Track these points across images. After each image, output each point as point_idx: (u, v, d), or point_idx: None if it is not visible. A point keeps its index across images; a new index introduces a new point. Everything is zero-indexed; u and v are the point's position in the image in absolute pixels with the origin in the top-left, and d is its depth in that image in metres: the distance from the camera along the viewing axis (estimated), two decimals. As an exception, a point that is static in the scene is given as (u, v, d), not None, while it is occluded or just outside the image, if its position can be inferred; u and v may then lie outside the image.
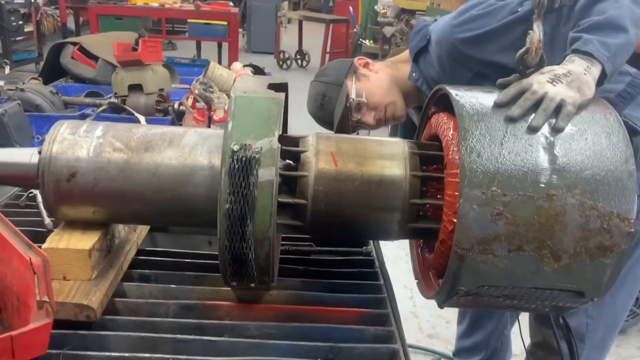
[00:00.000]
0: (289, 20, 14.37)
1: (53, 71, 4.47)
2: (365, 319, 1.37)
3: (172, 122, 3.82)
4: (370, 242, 1.75)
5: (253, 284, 1.26)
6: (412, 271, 1.52)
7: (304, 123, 2.03)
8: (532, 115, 1.21)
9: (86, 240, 1.32)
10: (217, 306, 1.36)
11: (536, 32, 1.32)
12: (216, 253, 1.56)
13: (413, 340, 3.19)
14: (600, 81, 1.36)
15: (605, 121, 1.23)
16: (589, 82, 1.30)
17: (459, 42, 1.74)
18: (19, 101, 2.72)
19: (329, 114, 1.96)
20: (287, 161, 1.37)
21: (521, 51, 1.32)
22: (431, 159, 1.36)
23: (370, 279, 1.55)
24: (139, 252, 1.55)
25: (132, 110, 3.69)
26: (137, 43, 4.24)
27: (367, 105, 1.91)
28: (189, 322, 1.30)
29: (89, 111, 3.77)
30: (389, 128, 6.64)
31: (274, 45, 11.26)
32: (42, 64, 4.72)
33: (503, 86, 1.31)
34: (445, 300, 1.27)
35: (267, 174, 1.15)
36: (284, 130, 1.50)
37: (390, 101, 1.94)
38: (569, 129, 1.20)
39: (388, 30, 8.51)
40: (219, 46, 8.25)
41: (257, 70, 4.90)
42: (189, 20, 8.07)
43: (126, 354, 1.18)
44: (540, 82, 1.27)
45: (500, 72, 1.40)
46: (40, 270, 1.05)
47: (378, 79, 1.95)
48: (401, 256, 3.49)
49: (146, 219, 1.43)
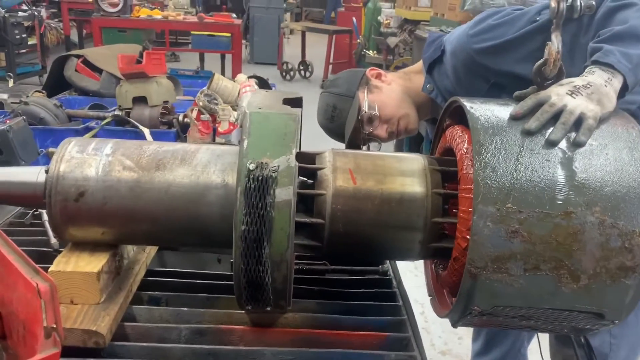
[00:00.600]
0: (291, 31, 14.39)
1: (57, 84, 4.46)
2: (385, 344, 1.31)
3: (177, 135, 3.78)
4: (387, 261, 1.70)
5: (269, 308, 1.21)
6: (426, 287, 1.47)
7: (309, 134, 1.98)
8: (550, 129, 1.17)
9: (94, 263, 1.27)
10: (231, 330, 1.30)
11: (555, 43, 1.28)
12: (227, 273, 1.51)
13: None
14: (622, 93, 1.31)
15: (627, 135, 1.18)
16: (610, 94, 1.25)
17: (475, 53, 1.70)
18: (24, 117, 2.67)
19: (340, 126, 1.91)
20: (302, 179, 1.32)
21: (539, 62, 1.28)
22: (453, 176, 1.31)
23: (388, 300, 1.50)
24: (148, 273, 1.50)
25: (137, 123, 3.66)
26: (141, 55, 4.23)
27: (380, 117, 1.86)
28: (201, 348, 1.24)
29: (93, 124, 3.74)
30: (394, 140, 6.63)
31: (276, 57, 11.25)
32: (46, 76, 4.69)
33: (520, 98, 1.26)
34: (459, 320, 1.22)
35: (285, 193, 1.10)
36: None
37: (403, 113, 1.89)
38: (588, 143, 1.15)
39: (392, 41, 8.47)
40: (222, 57, 8.23)
41: (262, 81, 4.88)
42: (193, 32, 8.06)
43: (137, 383, 1.13)
44: (559, 94, 1.22)
45: (518, 84, 1.35)
46: (47, 296, 0.99)
47: (391, 91, 1.90)
48: (410, 269, 3.43)
49: (157, 240, 1.38)
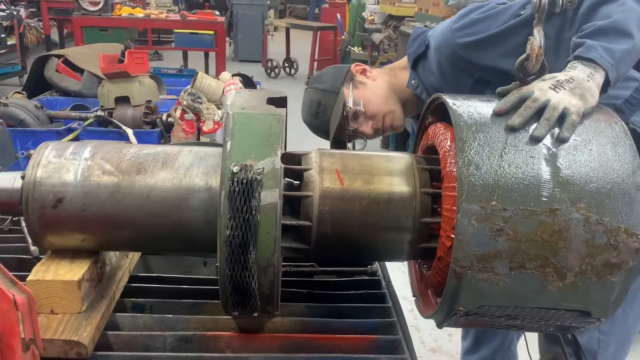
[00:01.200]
0: (275, 28, 14.32)
1: (37, 85, 4.39)
2: (375, 347, 1.29)
3: (161, 135, 3.73)
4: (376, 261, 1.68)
5: (256, 314, 1.18)
6: (410, 288, 1.45)
7: (295, 132, 1.95)
8: (534, 125, 1.15)
9: (75, 270, 1.22)
10: (218, 337, 1.27)
11: (537, 38, 1.26)
12: (214, 277, 1.48)
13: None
14: (604, 88, 1.30)
15: (610, 131, 1.17)
16: (593, 89, 1.24)
17: (459, 47, 1.67)
18: (1, 120, 2.61)
19: (325, 122, 1.88)
20: (289, 180, 1.29)
21: (521, 58, 1.27)
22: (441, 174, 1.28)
23: (377, 301, 1.47)
24: (132, 279, 1.46)
25: (119, 123, 3.60)
26: (123, 54, 4.16)
27: (365, 114, 1.84)
28: (187, 356, 1.21)
29: (75, 125, 3.68)
30: (380, 137, 6.61)
31: (261, 54, 11.19)
32: (26, 77, 4.61)
33: (502, 94, 1.24)
34: (444, 320, 1.21)
35: (270, 196, 1.07)
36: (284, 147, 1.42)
37: (388, 110, 1.87)
38: (572, 139, 1.14)
39: (376, 37, 8.46)
40: (206, 56, 8.15)
41: (246, 79, 4.83)
42: (175, 30, 7.98)
43: (121, 395, 1.09)
44: (542, 89, 1.21)
45: (502, 79, 1.33)
46: (24, 309, 0.96)
47: (376, 87, 1.88)
48: (398, 266, 3.41)
49: (140, 246, 1.34)
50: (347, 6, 10.76)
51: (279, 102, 1.24)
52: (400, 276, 2.86)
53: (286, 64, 10.90)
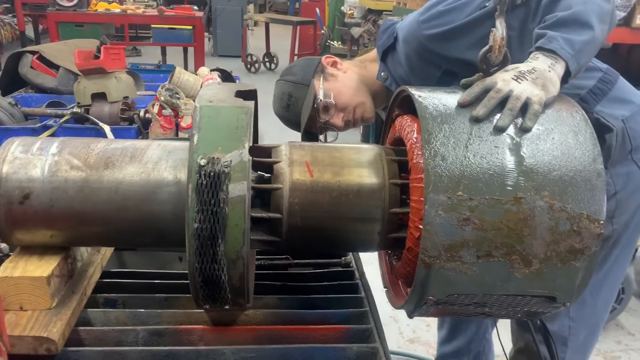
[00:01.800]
0: (255, 23, 14.25)
1: (12, 82, 4.32)
2: (347, 336, 1.30)
3: (138, 131, 3.70)
4: (349, 253, 1.69)
5: (227, 307, 1.18)
6: (381, 280, 1.46)
7: (274, 127, 1.95)
8: (498, 115, 1.17)
9: (44, 267, 1.22)
10: (190, 330, 1.27)
11: (499, 29, 1.28)
12: (187, 272, 1.47)
13: (394, 345, 3.13)
14: (565, 78, 1.32)
15: (571, 119, 1.20)
16: (554, 79, 1.26)
17: (425, 39, 1.68)
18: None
19: (296, 115, 1.88)
20: (260, 173, 1.30)
21: (484, 49, 1.28)
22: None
23: (351, 292, 1.49)
24: (104, 275, 1.46)
25: (96, 120, 3.57)
26: (99, 50, 4.11)
27: (336, 106, 1.84)
28: (159, 350, 1.21)
29: (51, 122, 3.63)
30: (360, 130, 6.62)
31: (241, 49, 11.13)
32: (0, 74, 4.53)
33: (467, 86, 1.26)
34: (414, 310, 1.22)
35: (238, 189, 1.07)
36: (255, 140, 1.42)
37: (359, 102, 1.88)
38: (535, 128, 1.16)
39: (355, 31, 8.45)
40: (185, 51, 8.09)
41: (225, 74, 4.81)
42: (153, 25, 7.89)
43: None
44: (504, 80, 1.22)
45: (469, 70, 1.34)
46: (-10, 305, 0.96)
47: (347, 79, 1.88)
48: (375, 257, 3.44)
49: (110, 241, 1.34)
50: (327, 0, 10.74)
51: (248, 95, 1.24)
52: (378, 268, 2.87)
53: (266, 59, 10.86)
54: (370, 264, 1.49)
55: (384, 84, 1.85)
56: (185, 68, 6.31)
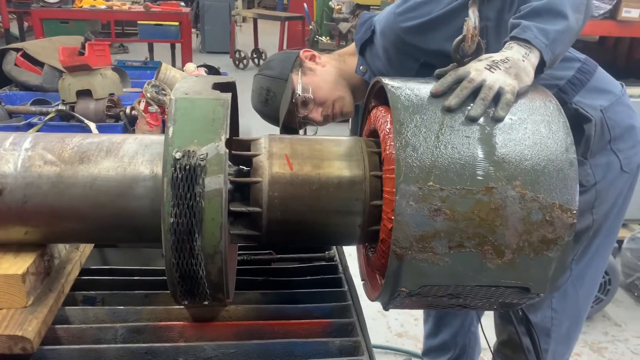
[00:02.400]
0: (243, 19, 14.19)
1: (-5, 79, 4.25)
2: (329, 330, 1.29)
3: (125, 128, 3.66)
4: (333, 247, 1.67)
5: (207, 302, 1.16)
6: (359, 273, 1.45)
7: (263, 123, 1.93)
8: (470, 105, 1.16)
9: (19, 264, 1.19)
10: (170, 327, 1.26)
11: (471, 19, 1.27)
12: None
13: (382, 340, 3.13)
14: (540, 68, 1.31)
15: (545, 109, 1.19)
16: (528, 69, 1.25)
17: (402, 32, 1.67)
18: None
19: (275, 109, 1.86)
20: (240, 166, 1.28)
21: (457, 39, 1.27)
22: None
23: (334, 286, 1.47)
24: (83, 272, 1.43)
25: (82, 117, 3.52)
26: (84, 47, 4.06)
27: (314, 100, 1.83)
28: (138, 347, 1.19)
29: (35, 120, 3.58)
30: (349, 125, 6.60)
31: (229, 45, 11.07)
32: (-17, 72, 4.46)
33: (440, 76, 1.25)
34: (389, 302, 1.21)
35: (215, 182, 1.05)
36: (235, 133, 1.41)
37: (337, 96, 1.86)
38: (507, 118, 1.15)
39: (344, 27, 8.44)
40: (172, 47, 8.03)
41: (212, 70, 4.76)
42: (139, 21, 7.83)
43: (68, 389, 1.07)
44: (477, 70, 1.22)
45: (447, 62, 1.33)
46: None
47: (325, 73, 1.87)
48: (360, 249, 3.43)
49: (87, 237, 1.31)
50: (315, -4, 10.72)
51: (226, 87, 1.22)
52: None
53: (255, 55, 10.81)
54: (355, 257, 1.48)
55: (363, 77, 1.84)
56: (173, 65, 6.26)
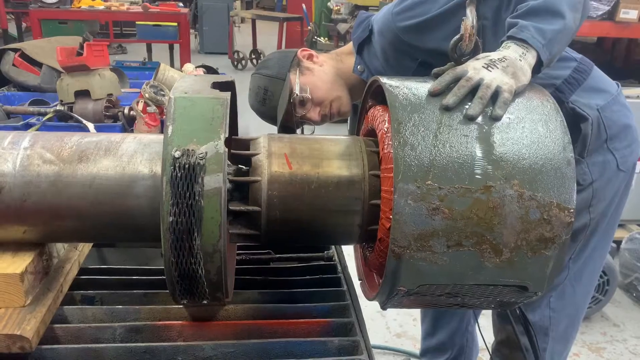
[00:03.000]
0: (242, 20, 14.18)
1: (-7, 80, 4.24)
2: (328, 330, 1.29)
3: (123, 128, 3.66)
4: (332, 246, 1.67)
5: (206, 301, 1.16)
6: (356, 272, 1.45)
7: (261, 124, 1.93)
8: (468, 104, 1.16)
9: (17, 263, 1.19)
10: (169, 326, 1.25)
11: (469, 18, 1.27)
12: (166, 267, 1.45)
13: (381, 340, 3.13)
14: (537, 68, 1.32)
15: (542, 108, 1.19)
16: (525, 68, 1.26)
17: (400, 31, 1.67)
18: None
19: (272, 109, 1.86)
20: (239, 166, 1.28)
21: (455, 38, 1.27)
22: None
23: (332, 286, 1.47)
24: (82, 272, 1.43)
25: (80, 118, 3.52)
26: (82, 47, 4.06)
27: (312, 100, 1.83)
28: (137, 346, 1.19)
29: (34, 120, 3.58)
30: (347, 126, 6.59)
31: (227, 46, 11.07)
32: (-19, 72, 4.45)
33: (438, 75, 1.25)
34: (387, 301, 1.21)
35: (214, 181, 1.05)
36: (234, 133, 1.41)
37: (335, 96, 1.86)
38: (505, 117, 1.15)
39: (342, 27, 8.44)
40: (171, 48, 8.04)
41: (211, 70, 4.76)
42: (138, 22, 7.83)
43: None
44: (475, 68, 1.22)
45: (445, 61, 1.34)
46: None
47: (322, 73, 1.87)
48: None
49: (85, 236, 1.31)
50: (313, -3, 10.73)
51: (225, 86, 1.22)
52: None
53: (253, 56, 10.81)
54: (354, 257, 1.48)
55: (361, 77, 1.84)
56: (172, 65, 6.25)
